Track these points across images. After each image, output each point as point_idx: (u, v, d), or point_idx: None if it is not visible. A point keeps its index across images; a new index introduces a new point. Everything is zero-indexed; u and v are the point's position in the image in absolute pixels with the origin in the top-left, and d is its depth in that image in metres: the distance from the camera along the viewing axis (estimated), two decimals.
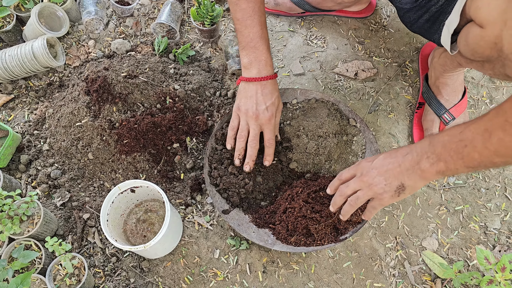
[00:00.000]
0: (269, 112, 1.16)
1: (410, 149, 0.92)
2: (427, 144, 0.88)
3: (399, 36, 1.56)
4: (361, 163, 1.02)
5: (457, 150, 0.81)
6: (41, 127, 1.40)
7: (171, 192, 1.30)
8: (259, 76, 1.15)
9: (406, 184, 0.92)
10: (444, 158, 0.84)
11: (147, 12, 1.61)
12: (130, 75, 1.29)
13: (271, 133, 1.18)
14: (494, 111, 0.76)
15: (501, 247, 1.25)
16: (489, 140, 0.76)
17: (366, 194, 0.98)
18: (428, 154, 0.87)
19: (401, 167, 0.92)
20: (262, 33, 1.13)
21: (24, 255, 1.08)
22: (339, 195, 1.04)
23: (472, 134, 0.79)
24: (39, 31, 1.43)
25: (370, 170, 0.97)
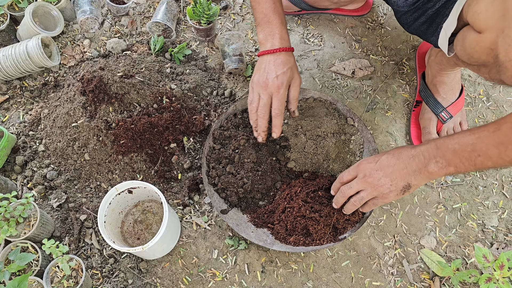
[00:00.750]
0: (279, 81, 1.14)
1: (416, 152, 0.95)
2: (434, 148, 0.92)
3: (396, 34, 1.56)
4: (361, 164, 1.03)
5: (469, 158, 0.86)
6: (36, 128, 1.39)
7: (169, 192, 1.30)
8: (272, 48, 1.15)
9: (412, 184, 0.97)
10: (454, 164, 0.89)
11: (142, 11, 1.60)
12: (126, 74, 1.28)
13: (279, 102, 1.15)
14: (508, 127, 0.81)
15: (499, 245, 1.25)
16: (505, 152, 0.81)
17: (371, 194, 1.01)
18: (437, 159, 0.91)
19: (407, 169, 0.96)
20: (275, 7, 1.13)
21: (20, 258, 1.08)
22: (341, 196, 1.07)
23: (486, 146, 0.84)
24: (34, 30, 1.42)
25: (374, 172, 0.99)
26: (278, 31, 1.14)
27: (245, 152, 1.22)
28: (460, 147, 0.88)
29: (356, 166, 1.04)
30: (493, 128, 0.84)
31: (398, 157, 0.98)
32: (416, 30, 1.15)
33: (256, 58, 1.51)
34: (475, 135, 0.86)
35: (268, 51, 1.15)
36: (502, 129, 0.82)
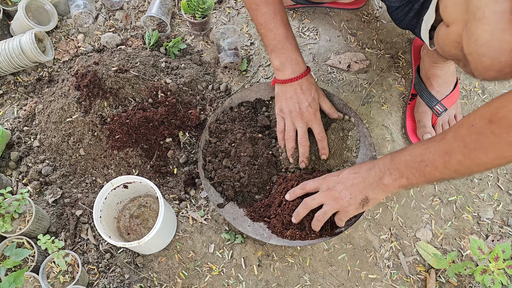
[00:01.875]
0: (313, 108, 1.18)
1: (373, 165, 0.98)
2: (389, 161, 0.94)
3: (392, 27, 1.56)
4: (326, 178, 1.07)
5: (419, 169, 0.87)
6: (31, 123, 1.38)
7: (165, 187, 1.30)
8: (294, 76, 1.16)
9: (370, 197, 0.99)
10: (406, 175, 0.90)
11: (137, 5, 1.59)
12: (120, 69, 1.28)
13: (319, 127, 1.19)
14: (452, 136, 0.82)
15: (494, 237, 1.26)
16: (449, 162, 0.82)
17: (333, 207, 1.04)
18: (391, 171, 0.93)
19: (365, 182, 0.98)
20: (287, 33, 1.13)
21: (16, 253, 1.07)
22: (304, 208, 1.08)
23: (432, 156, 0.85)
24: (27, 25, 1.41)
25: (336, 185, 1.03)
26: (295, 56, 1.15)
27: (242, 146, 1.22)
28: (411, 158, 0.89)
29: (322, 178, 1.08)
30: (439, 137, 0.85)
31: (358, 170, 1.00)
32: (407, 25, 1.16)
33: (251, 52, 1.51)
34: (424, 146, 0.87)
35: (290, 79, 1.16)
36: (446, 138, 0.83)
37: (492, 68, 0.75)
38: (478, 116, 0.76)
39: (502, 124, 0.71)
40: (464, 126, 0.79)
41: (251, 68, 1.48)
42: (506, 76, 0.76)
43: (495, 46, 0.72)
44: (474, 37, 0.75)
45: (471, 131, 0.77)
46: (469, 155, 0.78)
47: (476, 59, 0.77)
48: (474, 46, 0.76)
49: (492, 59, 0.73)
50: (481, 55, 0.75)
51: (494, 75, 0.76)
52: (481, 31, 0.73)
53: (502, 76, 0.76)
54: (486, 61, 0.75)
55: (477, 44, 0.75)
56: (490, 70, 0.75)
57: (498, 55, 0.73)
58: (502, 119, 0.71)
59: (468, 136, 0.77)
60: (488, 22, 0.71)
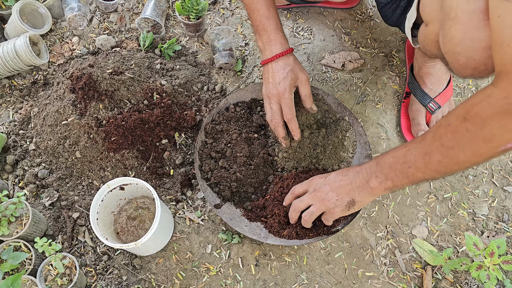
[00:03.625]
0: (281, 87, 1.14)
1: (360, 169, 0.99)
2: (374, 164, 0.95)
3: (385, 26, 1.57)
4: (314, 180, 1.08)
5: (402, 170, 0.88)
6: (26, 127, 1.38)
7: (161, 188, 1.30)
8: (270, 56, 1.15)
9: (356, 200, 1.00)
10: (391, 177, 0.91)
11: (131, 7, 1.59)
12: (115, 71, 1.28)
13: (286, 107, 1.16)
14: (431, 136, 0.82)
15: (489, 233, 1.27)
16: (430, 162, 0.82)
17: (319, 208, 1.04)
18: (377, 174, 0.94)
19: (352, 184, 0.99)
20: (268, 13, 1.12)
21: (13, 257, 1.07)
22: (293, 210, 1.10)
23: (414, 157, 0.85)
24: (21, 28, 1.41)
25: (323, 186, 1.04)
26: (274, 37, 1.14)
27: (238, 146, 1.22)
28: (394, 160, 0.90)
29: (309, 181, 1.09)
30: (420, 139, 0.85)
31: (345, 173, 1.01)
32: (395, 22, 1.17)
33: (246, 53, 1.52)
34: (407, 148, 0.88)
35: (267, 60, 1.15)
36: (426, 139, 0.83)
37: (467, 66, 0.76)
38: (454, 115, 0.77)
39: (476, 121, 0.72)
40: (442, 126, 0.80)
41: (246, 68, 1.49)
42: (481, 74, 0.77)
43: (469, 45, 0.74)
44: (448, 36, 0.77)
45: (447, 130, 0.78)
46: (447, 154, 0.79)
47: (452, 58, 0.78)
48: (449, 45, 0.77)
49: (467, 57, 0.75)
50: (456, 53, 0.76)
51: (471, 73, 0.77)
52: (455, 30, 0.75)
53: (477, 74, 0.77)
54: (461, 59, 0.76)
55: (451, 43, 0.77)
56: (466, 68, 0.77)
57: (472, 54, 0.74)
58: (475, 116, 0.72)
59: (445, 136, 0.78)
60: (460, 22, 0.73)
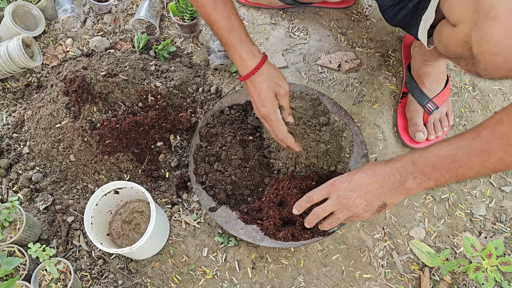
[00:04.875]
0: (264, 110, 1.09)
1: (391, 170, 0.93)
2: (410, 164, 0.89)
3: (381, 26, 1.56)
4: (335, 185, 1.01)
5: (450, 170, 0.83)
6: (20, 130, 1.36)
7: (157, 191, 1.29)
8: (243, 75, 1.07)
9: (388, 202, 0.96)
10: (434, 178, 0.86)
11: (125, 8, 1.57)
12: (109, 73, 1.27)
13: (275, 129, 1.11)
14: (489, 133, 0.77)
15: (487, 234, 1.26)
16: (488, 160, 0.78)
17: (346, 214, 1.01)
18: (415, 175, 0.88)
19: (383, 188, 0.94)
20: (229, 24, 1.00)
21: (7, 262, 1.06)
22: (315, 217, 1.06)
23: (467, 156, 0.80)
24: (14, 31, 1.39)
25: (348, 193, 0.98)
26: (241, 51, 1.03)
27: (232, 149, 1.21)
28: (438, 159, 0.85)
29: (329, 186, 1.02)
30: (472, 136, 0.80)
31: (372, 175, 0.96)
32: (399, 23, 1.15)
33: None
34: (454, 145, 0.83)
35: (242, 78, 1.07)
36: (482, 136, 0.79)
37: (504, 67, 0.74)
38: None
39: None
40: (504, 123, 0.76)
41: None
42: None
43: (510, 45, 0.71)
44: (487, 36, 0.74)
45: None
46: (510, 151, 0.75)
47: (489, 58, 0.75)
48: (487, 45, 0.74)
49: (506, 57, 0.72)
50: (495, 54, 0.74)
51: (505, 74, 0.75)
52: (495, 29, 0.72)
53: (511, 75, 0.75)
54: (499, 59, 0.74)
55: (490, 43, 0.74)
56: (501, 69, 0.74)
57: None
58: None
59: (510, 133, 0.75)
60: (502, 21, 0.70)
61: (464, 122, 1.40)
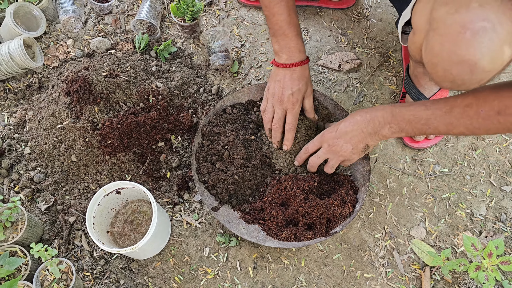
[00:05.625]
0: (294, 98, 1.17)
1: (371, 117, 1.06)
2: (390, 115, 1.03)
3: (382, 26, 1.56)
4: (324, 136, 1.15)
5: (420, 129, 0.99)
6: (21, 130, 1.37)
7: (158, 191, 1.29)
8: (288, 62, 1.15)
9: (370, 144, 1.11)
10: (406, 131, 1.02)
11: (126, 8, 1.58)
12: (111, 74, 1.27)
13: (293, 118, 1.20)
14: (459, 112, 0.92)
15: (488, 233, 1.26)
16: (452, 130, 0.96)
17: (338, 160, 1.16)
18: (392, 125, 1.03)
19: (364, 133, 1.08)
20: (290, 19, 1.11)
21: (9, 262, 1.06)
22: (312, 166, 1.20)
23: (437, 123, 0.96)
24: (15, 31, 1.40)
25: (336, 141, 1.12)
26: (294, 44, 1.14)
27: (235, 148, 1.21)
28: (415, 119, 0.99)
29: (319, 138, 1.16)
30: (445, 109, 0.94)
31: (354, 123, 1.09)
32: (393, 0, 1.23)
33: (242, 54, 1.51)
34: (429, 112, 0.96)
35: (284, 64, 1.16)
36: (453, 113, 0.93)
37: (445, 79, 0.79)
38: (488, 105, 0.87)
39: (508, 118, 0.86)
40: (472, 108, 0.90)
41: (242, 70, 1.48)
42: (460, 88, 0.80)
43: (445, 57, 0.75)
44: (429, 46, 0.78)
45: (478, 115, 0.89)
46: (472, 131, 0.93)
47: (431, 69, 0.81)
48: (429, 55, 0.79)
49: (444, 70, 0.77)
50: (435, 64, 0.78)
51: (449, 86, 0.81)
52: (434, 41, 0.76)
53: (456, 87, 0.80)
54: (439, 71, 0.79)
55: (431, 54, 0.78)
56: (444, 80, 0.80)
57: (449, 67, 0.76)
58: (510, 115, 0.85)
59: (475, 119, 0.90)
60: (440, 33, 0.75)
61: None
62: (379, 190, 1.31)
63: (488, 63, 0.73)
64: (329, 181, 1.23)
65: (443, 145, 1.37)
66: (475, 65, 0.73)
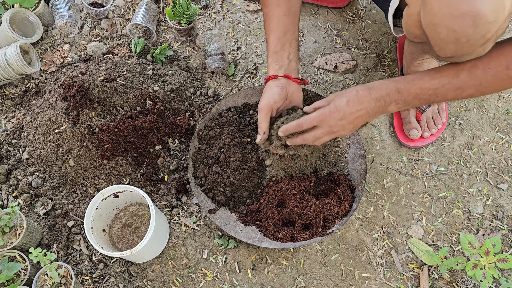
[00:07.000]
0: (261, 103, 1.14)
1: (376, 97, 1.01)
2: (395, 92, 0.99)
3: (377, 27, 1.57)
4: (325, 116, 1.04)
5: (428, 99, 0.97)
6: (19, 136, 1.37)
7: (156, 194, 1.29)
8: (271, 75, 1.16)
9: (370, 121, 1.07)
10: (413, 104, 0.99)
11: (122, 13, 1.59)
12: (107, 78, 1.27)
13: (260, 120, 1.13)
14: (466, 75, 0.90)
15: (485, 231, 1.27)
16: (461, 95, 0.94)
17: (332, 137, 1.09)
18: (398, 102, 1.00)
19: (369, 113, 1.03)
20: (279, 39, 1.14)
21: (8, 267, 1.07)
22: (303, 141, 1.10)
23: (446, 91, 0.94)
24: (12, 37, 1.40)
25: (340, 122, 1.04)
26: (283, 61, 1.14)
27: (231, 151, 1.22)
28: (421, 91, 0.96)
29: (320, 116, 1.05)
30: (451, 74, 0.92)
31: (359, 103, 1.02)
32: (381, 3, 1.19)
33: (238, 56, 1.52)
34: (436, 81, 0.93)
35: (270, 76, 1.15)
36: (460, 77, 0.91)
37: (449, 39, 0.78)
38: (494, 62, 0.86)
39: None
40: (479, 68, 0.88)
41: (238, 72, 1.49)
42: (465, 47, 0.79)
43: (446, 13, 0.74)
44: (427, 7, 0.78)
45: (487, 73, 0.87)
46: (481, 90, 0.91)
47: (433, 32, 0.80)
48: (428, 17, 0.78)
49: (447, 28, 0.76)
50: (436, 25, 0.78)
51: (453, 48, 0.80)
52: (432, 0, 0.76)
53: (460, 47, 0.79)
54: (442, 31, 0.78)
55: (430, 15, 0.77)
56: (448, 42, 0.79)
57: (452, 23, 0.75)
58: None
59: (484, 77, 0.88)
60: None
61: (460, 121, 1.41)
62: (376, 190, 1.32)
63: (491, 12, 0.72)
64: (326, 181, 1.24)
65: (439, 144, 1.38)
66: (477, 15, 0.72)
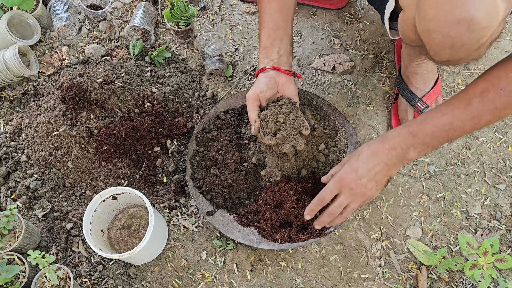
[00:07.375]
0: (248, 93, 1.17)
1: (391, 146, 0.98)
2: (410, 137, 0.96)
3: (374, 28, 1.57)
4: (343, 180, 1.02)
5: (446, 136, 0.93)
6: (17, 138, 1.37)
7: (155, 196, 1.30)
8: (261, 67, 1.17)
9: (393, 174, 1.03)
10: (432, 145, 0.95)
11: (120, 15, 1.59)
12: (106, 80, 1.28)
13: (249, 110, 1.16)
14: (479, 101, 0.87)
15: (483, 231, 1.27)
16: (479, 123, 0.90)
17: (362, 202, 1.04)
18: (416, 146, 0.95)
19: (388, 165, 0.99)
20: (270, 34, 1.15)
21: (7, 270, 1.07)
22: (331, 216, 1.06)
23: (462, 122, 0.90)
24: (10, 40, 1.40)
25: (359, 181, 1.00)
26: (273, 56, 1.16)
27: (228, 153, 1.22)
28: (437, 129, 0.92)
29: (338, 183, 1.02)
30: (463, 104, 0.90)
31: (375, 157, 0.99)
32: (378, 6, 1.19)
33: (236, 58, 1.52)
34: (449, 115, 0.91)
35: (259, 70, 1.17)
36: (473, 104, 0.88)
37: (444, 44, 0.78)
38: (504, 82, 0.84)
39: None
40: (490, 91, 0.86)
41: (236, 74, 1.49)
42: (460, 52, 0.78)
43: (442, 19, 0.75)
44: (422, 13, 0.78)
45: (500, 94, 0.85)
46: (498, 114, 0.88)
47: (428, 37, 0.79)
48: (423, 23, 0.78)
49: (442, 34, 0.76)
50: (431, 31, 0.77)
51: (449, 53, 0.79)
52: (428, 6, 0.76)
53: (456, 53, 0.78)
54: (437, 37, 0.77)
55: (426, 20, 0.77)
56: (443, 47, 0.78)
57: (447, 29, 0.75)
58: None
59: (498, 100, 0.85)
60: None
61: None
62: None
63: (484, 18, 0.73)
64: None
65: None
66: (471, 21, 0.73)
